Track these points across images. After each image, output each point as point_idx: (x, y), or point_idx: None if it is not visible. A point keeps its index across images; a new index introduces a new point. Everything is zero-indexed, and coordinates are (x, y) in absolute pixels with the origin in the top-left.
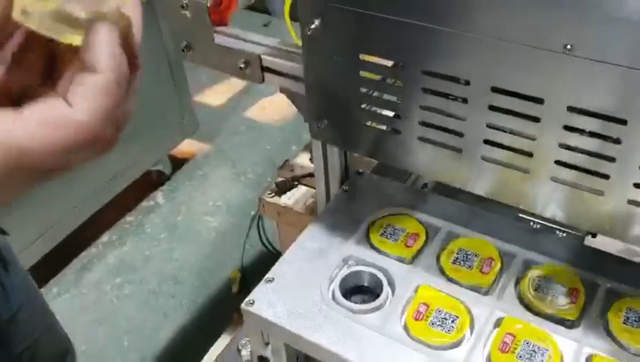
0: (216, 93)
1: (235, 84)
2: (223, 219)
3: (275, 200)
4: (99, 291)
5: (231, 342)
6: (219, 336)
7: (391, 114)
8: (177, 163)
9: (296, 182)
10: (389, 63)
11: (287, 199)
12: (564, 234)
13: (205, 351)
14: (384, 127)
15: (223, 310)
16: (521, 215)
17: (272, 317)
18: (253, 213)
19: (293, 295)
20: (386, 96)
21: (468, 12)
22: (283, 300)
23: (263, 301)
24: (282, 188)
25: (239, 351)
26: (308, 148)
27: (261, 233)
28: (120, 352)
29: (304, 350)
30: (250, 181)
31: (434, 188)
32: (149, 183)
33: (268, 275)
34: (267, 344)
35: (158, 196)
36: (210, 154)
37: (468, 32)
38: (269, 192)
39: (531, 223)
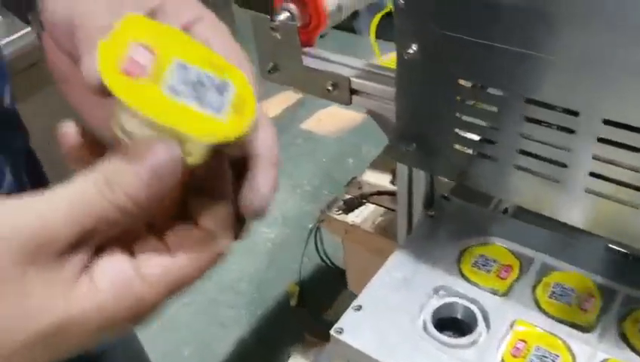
0: (273, 105)
1: (291, 96)
2: (279, 231)
3: (343, 217)
4: None
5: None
6: (278, 349)
7: (484, 139)
8: None
9: (365, 200)
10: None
11: (355, 217)
12: None
13: None
14: (475, 153)
15: (281, 323)
16: (610, 245)
17: (362, 347)
18: (310, 226)
19: (383, 324)
20: (480, 122)
21: (573, 39)
22: (372, 329)
23: (351, 329)
24: (350, 206)
25: None
26: (376, 165)
27: (319, 246)
28: (181, 359)
29: None
30: (307, 193)
31: (515, 213)
32: None
33: (355, 303)
34: None
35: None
36: None
37: (576, 61)
38: (337, 209)
39: (626, 254)
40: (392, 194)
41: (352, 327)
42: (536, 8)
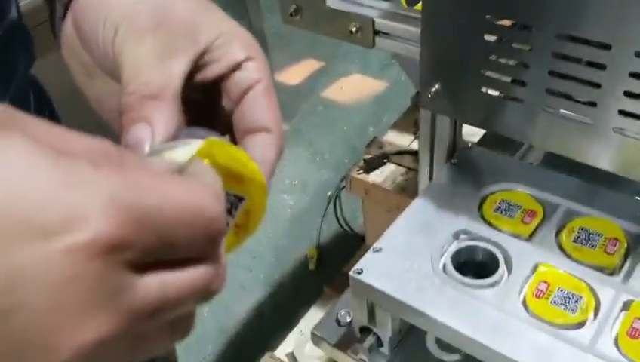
0: (294, 73)
1: (313, 65)
2: (299, 198)
3: (363, 177)
4: None
5: (328, 313)
6: (295, 311)
7: (513, 80)
8: None
9: (386, 160)
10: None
11: (376, 176)
12: None
13: (281, 325)
14: (501, 95)
15: (299, 286)
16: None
17: (382, 287)
18: (330, 193)
19: (403, 266)
20: (509, 62)
21: None
22: (392, 270)
23: (371, 270)
24: (371, 165)
25: (338, 321)
26: (397, 125)
27: (338, 213)
28: (200, 322)
29: (414, 322)
30: (327, 161)
31: (542, 163)
32: None
33: (376, 245)
34: (371, 316)
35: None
36: (287, 134)
37: None
38: (357, 169)
39: None
40: (413, 153)
41: (371, 268)
42: None
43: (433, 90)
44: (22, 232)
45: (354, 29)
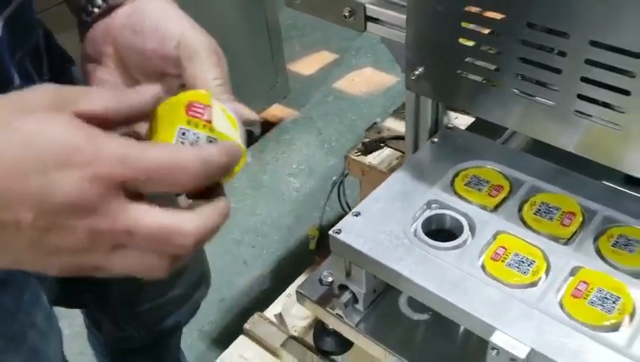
0: (308, 64)
1: (326, 57)
2: (305, 182)
3: (361, 158)
4: None
5: (313, 274)
6: (292, 283)
7: (488, 66)
8: (267, 126)
9: (383, 144)
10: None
11: (373, 159)
12: None
13: (278, 295)
14: (479, 80)
15: (299, 263)
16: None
17: (358, 246)
18: (334, 178)
19: (378, 229)
20: (484, 48)
21: None
22: (368, 232)
23: (349, 231)
24: (369, 148)
25: (320, 281)
26: (397, 113)
27: (341, 197)
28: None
29: (385, 278)
30: (334, 149)
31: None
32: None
33: (355, 209)
34: (348, 274)
35: (247, 155)
36: (298, 121)
37: None
38: (356, 151)
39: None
40: None
41: (349, 229)
42: None
43: (417, 72)
44: (57, 166)
45: (347, 13)
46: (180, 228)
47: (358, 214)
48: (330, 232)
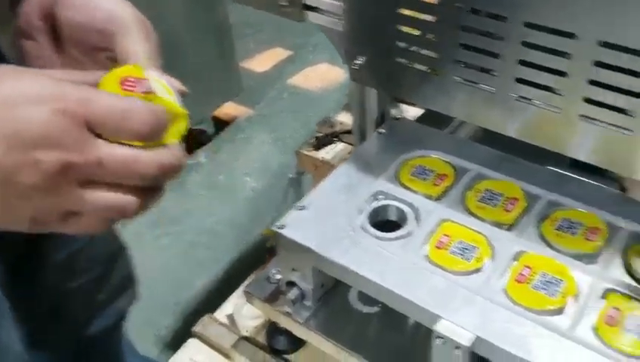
0: (262, 61)
1: (281, 53)
2: (261, 180)
3: (313, 153)
4: (138, 242)
5: (262, 272)
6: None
7: (429, 54)
8: (221, 124)
9: (336, 138)
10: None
11: (325, 153)
12: (593, 183)
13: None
14: (422, 68)
15: (255, 263)
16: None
17: (302, 240)
18: (290, 175)
19: (323, 222)
20: (424, 35)
21: None
22: (313, 226)
23: (294, 225)
24: (321, 143)
25: (269, 278)
26: (350, 107)
27: (297, 195)
28: (155, 295)
29: (331, 273)
30: (290, 146)
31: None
32: (191, 142)
33: (300, 203)
34: (295, 270)
35: (201, 155)
36: (253, 118)
37: None
38: (308, 146)
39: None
40: None
41: (294, 224)
42: None
43: (358, 62)
44: (27, 101)
45: (284, 2)
46: (143, 156)
47: (303, 208)
48: (273, 227)
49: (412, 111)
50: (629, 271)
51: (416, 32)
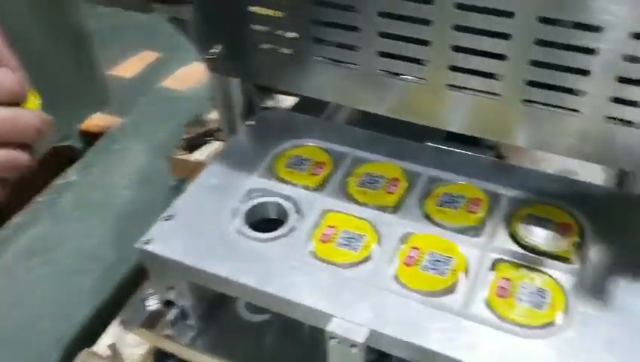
0: (130, 66)
1: (149, 56)
2: (140, 193)
3: (187, 156)
4: (11, 275)
5: (137, 297)
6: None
7: (285, 34)
8: (91, 138)
9: (210, 137)
10: None
11: (200, 155)
12: (470, 154)
13: None
14: (282, 51)
15: (141, 282)
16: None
17: (171, 254)
18: (171, 183)
19: (194, 231)
20: (275, 14)
21: None
22: (183, 236)
23: (160, 239)
24: (193, 144)
25: (143, 301)
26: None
27: None
28: (36, 334)
29: (208, 284)
30: (166, 153)
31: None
32: (59, 161)
33: (165, 213)
34: (171, 288)
35: (71, 173)
36: (125, 128)
37: None
38: (179, 150)
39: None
40: None
41: (160, 237)
42: None
43: (214, 52)
44: None
45: None
46: (23, 112)
47: (170, 218)
48: (137, 245)
49: (290, 101)
50: (514, 238)
51: (270, 13)
